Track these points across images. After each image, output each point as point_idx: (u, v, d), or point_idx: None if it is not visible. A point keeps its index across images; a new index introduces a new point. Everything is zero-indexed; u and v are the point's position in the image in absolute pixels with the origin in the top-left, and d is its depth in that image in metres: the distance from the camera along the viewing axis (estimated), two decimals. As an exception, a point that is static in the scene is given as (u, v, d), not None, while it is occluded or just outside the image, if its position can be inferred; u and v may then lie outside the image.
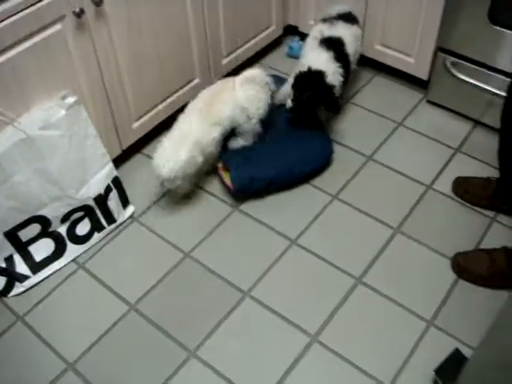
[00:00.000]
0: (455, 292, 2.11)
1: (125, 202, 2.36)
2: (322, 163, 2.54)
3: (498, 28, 2.35)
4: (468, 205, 2.38)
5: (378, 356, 1.96)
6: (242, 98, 2.41)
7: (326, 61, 2.49)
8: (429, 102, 2.83)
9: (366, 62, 2.94)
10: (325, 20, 2.69)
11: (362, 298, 2.11)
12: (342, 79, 2.53)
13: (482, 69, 2.51)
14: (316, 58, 2.50)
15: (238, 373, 1.93)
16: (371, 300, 2.10)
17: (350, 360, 1.94)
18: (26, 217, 2.11)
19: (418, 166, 2.54)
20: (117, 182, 2.30)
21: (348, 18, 2.70)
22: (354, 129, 2.73)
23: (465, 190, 2.39)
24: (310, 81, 2.44)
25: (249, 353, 1.98)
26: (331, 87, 2.45)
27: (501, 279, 2.12)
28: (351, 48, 2.62)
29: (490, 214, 2.35)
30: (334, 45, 2.56)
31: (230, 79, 2.50)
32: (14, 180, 2.00)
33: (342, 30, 2.62)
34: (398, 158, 2.58)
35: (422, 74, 2.78)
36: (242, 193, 2.41)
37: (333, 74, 2.48)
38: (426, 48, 2.67)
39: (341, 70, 2.52)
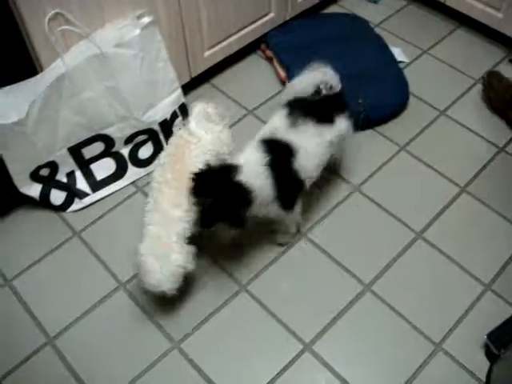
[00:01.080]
0: (518, 259, 2.05)
1: (189, 130, 2.34)
2: (396, 109, 2.46)
3: None
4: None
5: (430, 313, 1.92)
6: (207, 144, 1.94)
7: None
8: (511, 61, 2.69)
9: (449, 11, 2.81)
10: (290, 110, 1.93)
11: (420, 253, 2.06)
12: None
13: None
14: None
15: (287, 312, 1.93)
16: (429, 256, 2.05)
17: (402, 313, 1.91)
18: (91, 134, 2.11)
19: (493, 127, 2.43)
20: (183, 109, 2.27)
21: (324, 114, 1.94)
22: (428, 81, 2.63)
23: None
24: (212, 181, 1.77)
25: (301, 293, 1.97)
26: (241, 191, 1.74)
27: None
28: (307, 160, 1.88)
29: None
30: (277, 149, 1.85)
31: (176, 135, 2.02)
32: (83, 96, 2.00)
33: (302, 137, 1.87)
34: (472, 117, 2.47)
35: (509, 30, 2.63)
36: None
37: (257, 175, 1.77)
38: (517, 3, 2.52)
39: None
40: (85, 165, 2.18)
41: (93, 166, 2.20)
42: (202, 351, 1.86)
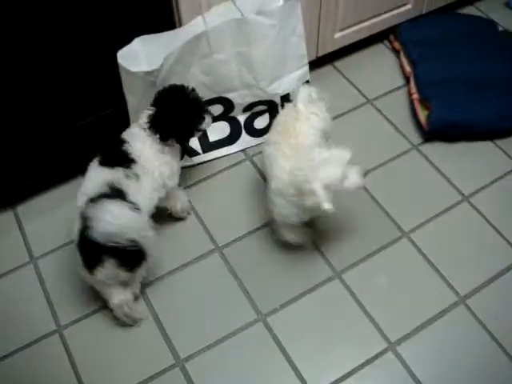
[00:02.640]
0: None
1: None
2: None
3: None
4: None
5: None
6: (316, 123, 1.93)
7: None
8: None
9: None
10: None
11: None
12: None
13: None
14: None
15: (377, 307, 1.92)
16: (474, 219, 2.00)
17: (494, 335, 1.85)
18: (213, 95, 2.13)
19: None
20: (307, 86, 2.26)
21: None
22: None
23: None
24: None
25: (394, 293, 1.95)
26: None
27: None
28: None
29: None
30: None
31: (284, 113, 1.99)
32: (215, 57, 2.01)
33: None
34: None
35: None
36: (433, 135, 2.31)
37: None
38: None
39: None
40: (200, 125, 2.20)
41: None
42: (287, 329, 1.87)
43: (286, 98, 2.21)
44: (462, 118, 2.26)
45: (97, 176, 1.79)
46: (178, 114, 1.85)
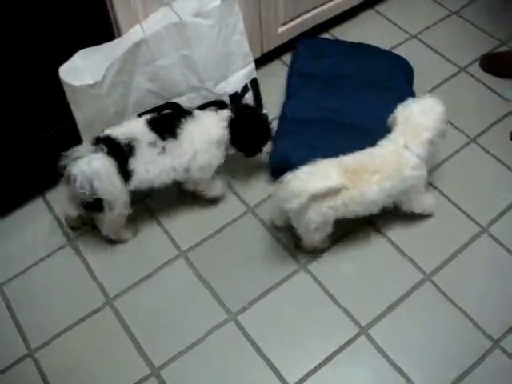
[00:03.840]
0: None
1: (259, 105, 2.33)
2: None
3: None
4: None
5: (492, 309, 1.89)
6: None
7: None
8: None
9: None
10: None
11: (484, 248, 2.03)
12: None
13: None
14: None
15: (345, 294, 1.93)
16: (494, 252, 2.02)
17: (461, 307, 1.89)
18: (161, 102, 2.12)
19: None
20: (254, 84, 2.26)
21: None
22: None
23: None
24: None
25: (361, 278, 1.97)
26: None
27: None
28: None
29: None
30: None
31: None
32: (158, 63, 2.00)
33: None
34: None
35: None
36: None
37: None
38: None
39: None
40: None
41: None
42: (258, 325, 1.87)
43: (235, 97, 2.22)
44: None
45: (129, 125, 1.93)
46: (254, 134, 2.04)
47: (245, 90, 2.23)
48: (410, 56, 2.51)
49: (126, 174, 1.86)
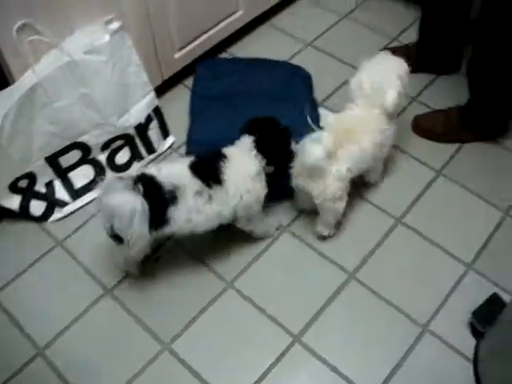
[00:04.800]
0: (496, 236, 2.09)
1: (165, 133, 2.35)
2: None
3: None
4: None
5: (415, 296, 1.95)
6: None
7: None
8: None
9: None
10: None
11: (401, 239, 2.09)
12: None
13: None
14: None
15: (274, 306, 1.95)
16: (411, 240, 2.09)
17: (387, 299, 1.94)
18: (66, 143, 2.11)
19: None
20: (158, 112, 2.28)
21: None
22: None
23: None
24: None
25: (286, 286, 2.00)
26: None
27: (448, 136, 2.33)
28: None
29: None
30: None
31: None
32: (57, 105, 1.99)
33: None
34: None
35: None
36: None
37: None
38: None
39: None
40: (63, 174, 2.18)
41: (71, 175, 2.20)
42: (193, 350, 1.87)
43: (140, 128, 2.22)
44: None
45: (174, 170, 1.80)
46: (284, 141, 1.92)
47: (149, 119, 2.24)
48: (307, 64, 2.59)
49: (159, 220, 1.75)
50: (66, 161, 2.15)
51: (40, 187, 2.15)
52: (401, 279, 1.99)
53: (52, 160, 2.11)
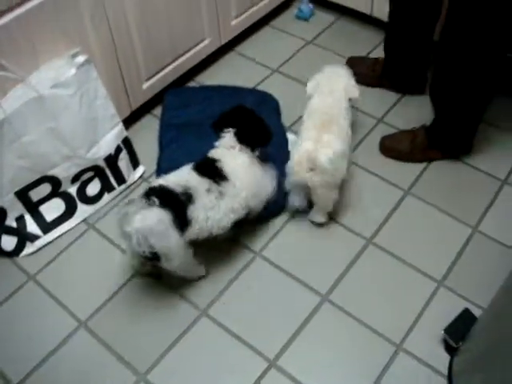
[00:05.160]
0: (466, 252, 2.12)
1: (135, 163, 2.36)
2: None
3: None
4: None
5: (389, 315, 1.97)
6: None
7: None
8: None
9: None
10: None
11: (372, 259, 2.11)
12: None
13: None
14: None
15: (248, 332, 1.96)
16: (382, 260, 2.11)
17: (360, 319, 1.96)
18: (36, 177, 2.11)
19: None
20: (127, 143, 2.29)
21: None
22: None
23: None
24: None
25: (259, 312, 2.00)
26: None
27: (415, 155, 2.38)
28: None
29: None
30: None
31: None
32: (24, 140, 1.99)
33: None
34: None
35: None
36: None
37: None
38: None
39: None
40: (34, 207, 2.17)
41: (42, 208, 2.19)
42: (169, 380, 1.86)
43: (110, 159, 2.23)
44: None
45: (181, 174, 1.91)
46: (258, 124, 2.05)
47: (118, 150, 2.25)
48: (274, 90, 2.64)
49: (183, 224, 1.82)
50: (36, 194, 2.15)
51: (11, 222, 2.14)
52: (374, 299, 2.01)
53: (22, 194, 2.11)
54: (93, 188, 2.27)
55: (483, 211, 2.24)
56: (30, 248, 2.18)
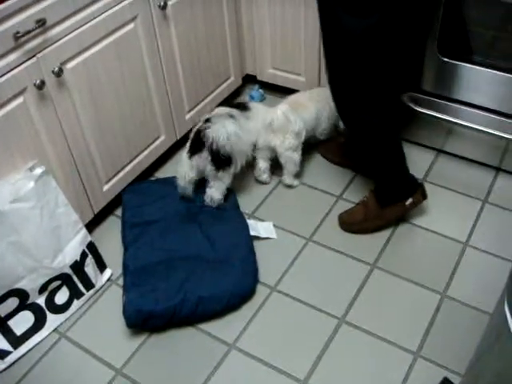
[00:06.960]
0: (438, 320, 2.14)
1: (102, 266, 2.36)
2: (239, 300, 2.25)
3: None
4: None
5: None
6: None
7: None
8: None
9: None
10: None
11: (347, 338, 2.12)
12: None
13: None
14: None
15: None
16: (356, 338, 2.11)
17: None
18: (2, 291, 2.08)
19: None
20: (92, 247, 2.30)
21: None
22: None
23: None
24: None
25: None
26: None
27: (373, 220, 2.45)
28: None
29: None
30: None
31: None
32: (-13, 256, 1.99)
33: None
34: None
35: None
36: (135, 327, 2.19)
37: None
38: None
39: None
40: (2, 323, 2.13)
41: (10, 323, 2.15)
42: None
43: (76, 266, 2.23)
44: (161, 307, 2.14)
45: (220, 111, 2.56)
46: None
47: (84, 256, 2.25)
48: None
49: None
50: (3, 309, 2.11)
51: (-21, 340, 2.11)
52: (352, 380, 2.00)
53: (-11, 311, 2.09)
54: (61, 296, 2.25)
55: (449, 275, 2.28)
56: (0, 365, 2.13)
